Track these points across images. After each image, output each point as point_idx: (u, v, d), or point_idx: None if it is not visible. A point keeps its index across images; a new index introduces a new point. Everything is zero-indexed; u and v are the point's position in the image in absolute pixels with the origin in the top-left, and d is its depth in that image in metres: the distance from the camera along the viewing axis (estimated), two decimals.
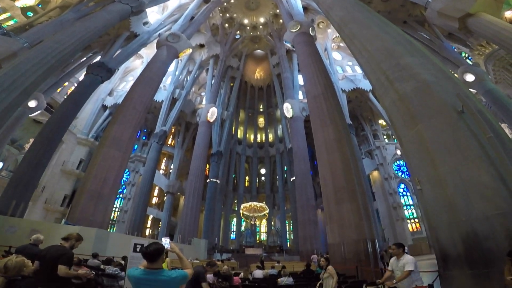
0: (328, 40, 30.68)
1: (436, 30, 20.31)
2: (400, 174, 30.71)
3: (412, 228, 27.53)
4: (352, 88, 30.05)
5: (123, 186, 30.24)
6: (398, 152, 30.46)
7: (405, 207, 28.49)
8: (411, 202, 29.05)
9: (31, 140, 19.51)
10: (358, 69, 30.62)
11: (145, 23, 24.41)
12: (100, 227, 11.67)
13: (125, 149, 14.79)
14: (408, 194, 29.56)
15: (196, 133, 31.22)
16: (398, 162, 31.36)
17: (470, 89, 17.94)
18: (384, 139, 33.02)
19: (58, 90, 24.55)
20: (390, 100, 7.23)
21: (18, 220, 11.23)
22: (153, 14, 25.58)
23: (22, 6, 21.00)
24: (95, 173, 13.21)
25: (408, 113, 6.43)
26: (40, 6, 21.37)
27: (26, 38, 16.33)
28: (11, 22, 20.60)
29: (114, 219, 28.64)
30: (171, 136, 36.94)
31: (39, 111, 20.80)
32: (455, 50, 20.32)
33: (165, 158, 36.46)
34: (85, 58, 23.75)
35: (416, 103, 6.30)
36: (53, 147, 17.75)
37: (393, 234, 26.30)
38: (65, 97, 22.59)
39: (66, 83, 25.10)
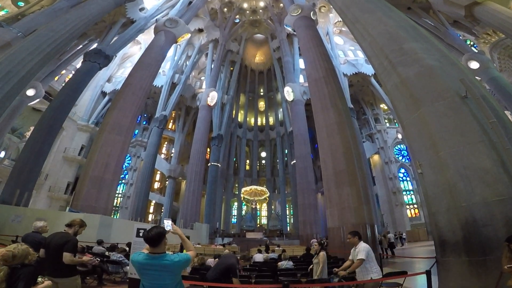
0: (330, 24, 30.10)
1: (441, 17, 19.94)
2: (400, 158, 30.80)
3: (411, 214, 27.81)
4: (354, 73, 29.74)
5: (125, 171, 30.55)
6: (399, 136, 30.43)
7: (404, 193, 28.66)
8: (410, 188, 29.25)
9: (32, 128, 19.43)
10: (360, 54, 30.05)
11: (142, 9, 23.86)
12: (104, 213, 11.84)
13: (126, 133, 14.81)
14: (408, 179, 29.72)
15: (196, 117, 31.27)
16: (399, 146, 31.44)
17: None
18: (386, 123, 32.93)
19: (55, 78, 24.41)
20: (392, 84, 7.12)
21: (23, 209, 11.39)
22: (150, 0, 24.86)
23: None
24: (97, 158, 13.28)
25: (410, 97, 6.34)
26: None
27: (19, 28, 15.97)
28: (1, 13, 19.89)
29: (117, 205, 29.13)
30: (171, 121, 37.10)
31: (37, 100, 20.80)
32: (460, 37, 19.96)
33: (166, 143, 36.69)
34: (81, 46, 23.47)
35: (419, 87, 6.21)
36: (53, 134, 17.78)
37: (392, 220, 26.65)
38: (63, 85, 22.37)
39: (64, 71, 25.03)
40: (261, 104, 43.04)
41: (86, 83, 20.76)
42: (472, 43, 20.57)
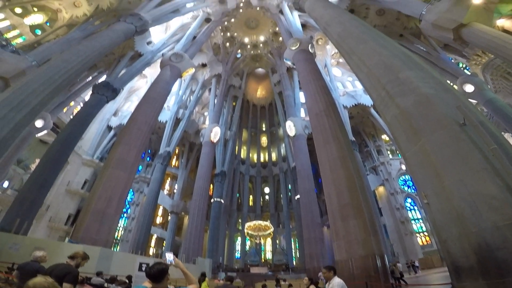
0: (328, 56, 31.24)
1: (432, 41, 20.66)
2: (406, 188, 30.48)
3: (422, 241, 27.08)
4: (354, 104, 30.30)
5: (127, 206, 30.35)
6: (403, 167, 30.30)
7: (413, 221, 28.16)
8: (419, 216, 28.66)
9: (37, 161, 19.73)
10: (358, 85, 30.90)
11: (149, 43, 25.25)
12: (104, 246, 11.54)
13: (130, 170, 14.84)
14: (416, 208, 29.21)
15: (199, 153, 31.31)
16: (403, 177, 31.24)
17: (470, 100, 18.07)
18: (388, 154, 33.04)
19: (64, 110, 25.10)
20: (392, 115, 7.26)
21: (21, 237, 11.20)
22: (157, 34, 26.37)
23: (31, 24, 21.67)
24: (100, 193, 13.22)
25: (410, 128, 6.46)
26: (48, 24, 22.22)
27: (34, 56, 16.87)
28: (19, 40, 21.06)
29: (118, 238, 28.51)
30: (175, 157, 37.33)
31: (45, 131, 21.21)
32: (452, 61, 20.57)
33: (169, 179, 36.61)
34: (90, 78, 24.49)
35: (418, 118, 6.35)
36: (59, 167, 17.92)
37: (402, 248, 25.91)
38: (71, 116, 23.07)
39: (72, 103, 25.80)
40: (264, 140, 43.51)
41: (94, 116, 21.27)
42: (464, 65, 21.12)
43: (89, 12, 22.16)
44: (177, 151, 37.07)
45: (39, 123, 19.63)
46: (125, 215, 29.88)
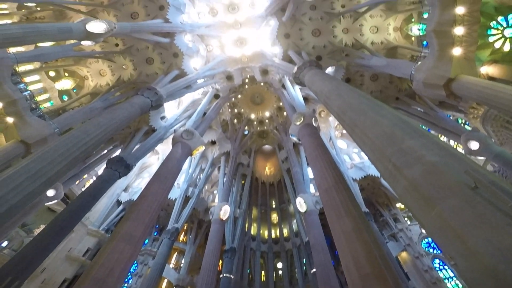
0: (331, 128, 32.51)
1: (427, 101, 21.26)
2: (431, 250, 28.85)
3: None
4: (363, 176, 30.17)
5: (130, 276, 29.22)
6: (424, 231, 28.76)
7: (446, 280, 26.23)
8: (451, 274, 26.55)
9: (42, 226, 19.70)
10: (365, 156, 31.12)
11: (163, 118, 27.36)
12: None
13: (136, 244, 14.34)
14: (446, 267, 27.25)
15: (208, 230, 30.30)
16: (426, 240, 29.93)
17: (478, 157, 17.54)
18: (406, 221, 31.82)
19: (76, 182, 25.76)
20: (401, 188, 7.08)
21: None
22: (170, 109, 28.74)
23: (60, 89, 24.21)
24: (103, 262, 12.56)
25: (422, 198, 6.26)
26: (75, 90, 25.00)
27: (58, 123, 18.43)
28: (47, 104, 23.25)
29: None
30: (183, 233, 36.55)
31: (55, 201, 21.41)
32: (451, 118, 20.75)
33: (176, 253, 35.38)
34: (106, 151, 25.84)
35: (428, 187, 6.18)
36: (63, 235, 17.78)
37: None
38: (83, 189, 23.76)
39: (85, 175, 26.48)
40: (274, 217, 42.27)
41: (105, 190, 21.49)
42: (463, 121, 21.09)
43: (112, 82, 25.35)
44: (185, 227, 36.52)
45: (50, 193, 20.09)
46: (126, 285, 28.55)
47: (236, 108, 35.71)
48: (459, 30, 13.93)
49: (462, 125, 20.51)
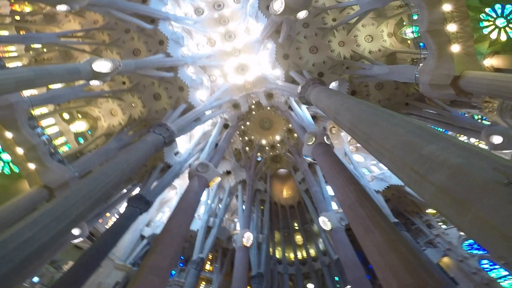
0: (345, 143, 31.98)
1: (438, 102, 20.65)
2: (475, 252, 26.86)
3: None
4: (385, 187, 29.15)
5: None
6: (462, 233, 27.22)
7: (499, 280, 24.11)
8: (505, 273, 24.19)
9: (70, 263, 20.39)
10: (383, 166, 30.33)
11: (176, 153, 27.94)
12: None
13: (164, 276, 14.51)
14: (497, 266, 25.02)
15: (233, 257, 29.89)
16: (467, 242, 27.99)
17: (503, 151, 16.89)
18: (440, 225, 30.19)
19: (100, 221, 26.48)
20: (430, 195, 6.79)
21: None
22: (182, 144, 29.33)
23: (75, 132, 25.41)
24: None
25: (454, 202, 5.98)
26: (89, 132, 26.09)
27: (77, 167, 19.46)
28: (65, 148, 24.36)
29: None
30: (208, 262, 36.40)
31: (81, 239, 22.06)
32: (466, 115, 20.10)
33: (203, 283, 35.24)
34: (125, 190, 26.60)
35: (458, 190, 5.93)
36: (91, 271, 18.06)
37: None
38: (106, 226, 24.71)
39: (108, 214, 27.48)
40: (298, 238, 41.09)
41: (128, 227, 21.92)
42: (479, 116, 20.30)
43: (123, 121, 26.43)
44: (211, 257, 36.32)
45: (76, 231, 20.77)
46: None
47: (247, 136, 35.95)
48: (451, 27, 13.88)
49: (479, 121, 19.83)
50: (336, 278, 33.44)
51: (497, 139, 16.25)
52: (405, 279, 9.82)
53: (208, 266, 36.34)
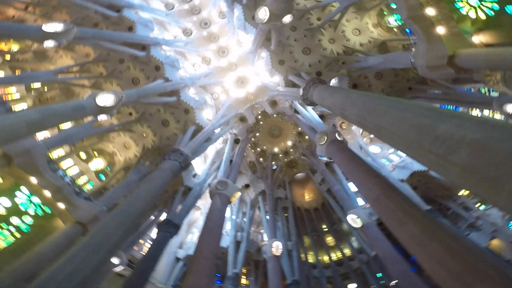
0: (358, 137, 31.48)
1: (440, 82, 20.44)
2: None
3: None
4: (409, 174, 28.26)
5: None
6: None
7: None
8: None
9: None
10: (402, 153, 29.63)
11: (194, 175, 28.22)
12: None
13: None
14: None
15: (266, 269, 29.66)
16: None
17: None
18: (478, 207, 28.84)
19: (135, 248, 27.23)
20: (456, 176, 6.44)
21: None
22: (198, 165, 29.71)
23: (95, 170, 26.26)
24: None
25: (484, 180, 5.62)
26: (108, 168, 26.88)
27: (103, 202, 20.42)
28: (89, 186, 25.27)
29: None
30: (244, 276, 36.03)
31: (122, 267, 22.85)
32: (472, 90, 19.79)
33: None
34: (153, 217, 27.30)
35: (485, 167, 5.58)
36: None
37: None
38: (142, 253, 25.74)
39: (142, 241, 28.25)
40: (329, 240, 40.08)
41: (162, 251, 22.24)
42: (486, 89, 19.86)
43: (138, 153, 27.15)
44: (244, 270, 35.77)
45: (115, 260, 21.60)
46: None
47: (258, 147, 35.96)
48: (430, 11, 13.97)
49: (487, 94, 19.36)
50: (379, 275, 32.24)
51: (510, 108, 15.81)
52: (454, 268, 9.19)
53: (244, 281, 36.05)
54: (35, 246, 17.70)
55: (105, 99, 16.29)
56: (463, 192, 29.74)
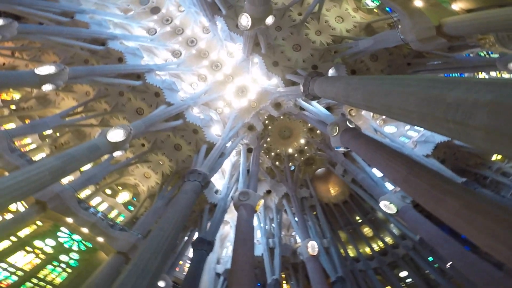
0: (370, 120, 30.79)
1: (436, 52, 20.37)
2: None
3: None
4: (433, 148, 27.21)
5: None
6: None
7: None
8: None
9: None
10: (419, 128, 28.68)
11: (216, 192, 28.64)
12: None
13: None
14: None
15: (305, 271, 28.91)
16: None
17: None
18: None
19: (177, 269, 28.14)
20: (481, 141, 6.11)
21: None
22: (218, 181, 30.30)
23: (122, 202, 27.65)
24: None
25: (510, 139, 5.35)
26: (134, 199, 27.77)
27: (137, 230, 21.63)
28: (121, 218, 26.68)
29: None
30: (284, 282, 35.87)
31: None
32: (471, 56, 19.88)
33: None
34: (187, 238, 28.14)
35: (508, 126, 5.33)
36: None
37: None
38: (184, 273, 26.78)
39: (181, 262, 29.22)
40: (367, 230, 38.87)
41: (202, 270, 22.66)
42: (484, 52, 20.10)
43: (159, 180, 28.15)
44: (284, 276, 35.50)
45: (161, 283, 22.45)
46: None
47: (272, 151, 35.78)
48: None
49: (487, 56, 19.39)
50: (430, 259, 30.82)
51: None
52: (510, 239, 8.30)
53: (285, 286, 35.77)
54: (87, 278, 19.13)
55: (115, 135, 16.90)
56: (496, 157, 28.22)
